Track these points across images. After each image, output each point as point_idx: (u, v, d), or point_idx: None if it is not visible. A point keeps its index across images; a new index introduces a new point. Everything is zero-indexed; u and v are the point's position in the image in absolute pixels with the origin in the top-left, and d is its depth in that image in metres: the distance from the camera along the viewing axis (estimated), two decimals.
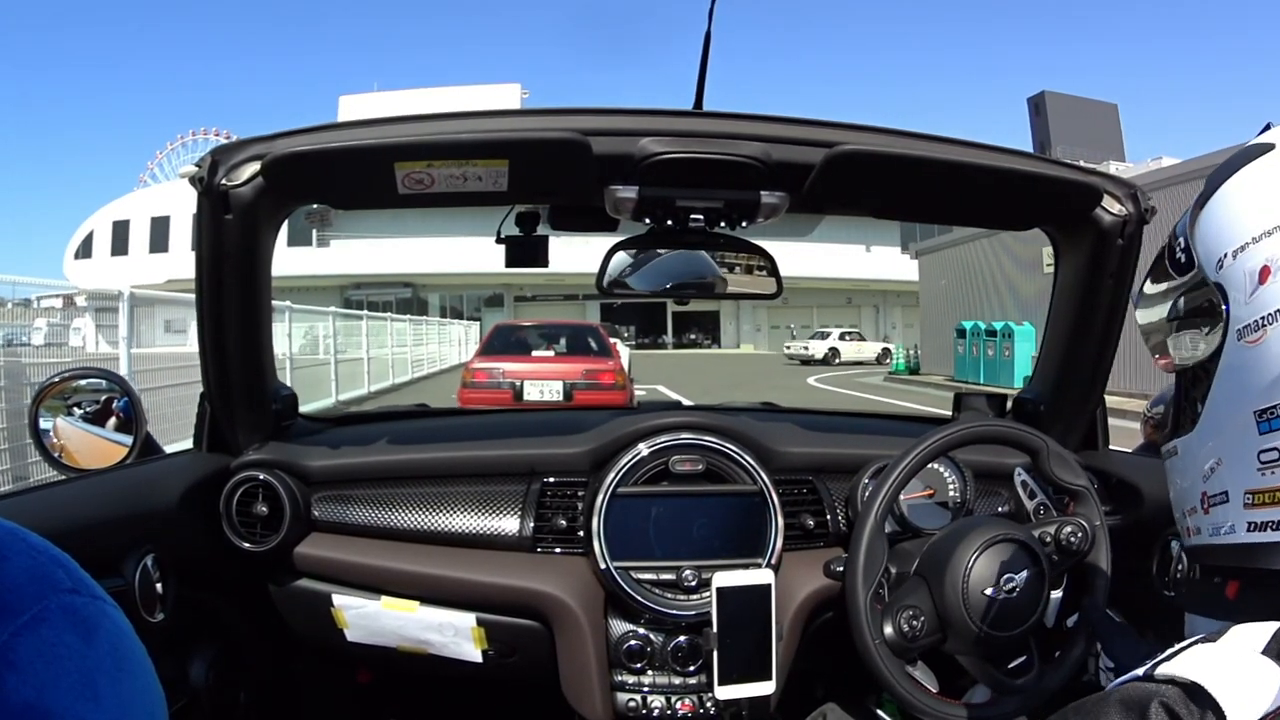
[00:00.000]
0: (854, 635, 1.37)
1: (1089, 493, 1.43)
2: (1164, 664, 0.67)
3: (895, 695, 1.35)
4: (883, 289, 48.36)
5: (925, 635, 1.36)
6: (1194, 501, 0.83)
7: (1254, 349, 0.72)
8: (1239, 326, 0.73)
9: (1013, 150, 1.54)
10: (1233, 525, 0.76)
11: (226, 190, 1.41)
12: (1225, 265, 0.75)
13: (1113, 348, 1.75)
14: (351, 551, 1.63)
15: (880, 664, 1.34)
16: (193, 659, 1.56)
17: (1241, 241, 0.74)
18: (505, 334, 11.61)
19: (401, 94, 43.47)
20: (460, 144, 1.40)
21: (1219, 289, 0.76)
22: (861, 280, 46.83)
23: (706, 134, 1.46)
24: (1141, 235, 1.62)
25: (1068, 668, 1.40)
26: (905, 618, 1.36)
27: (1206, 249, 0.78)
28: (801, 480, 1.75)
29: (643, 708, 1.58)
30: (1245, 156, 0.78)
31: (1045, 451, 1.44)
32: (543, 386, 10.10)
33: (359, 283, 43.50)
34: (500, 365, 10.32)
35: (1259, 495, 0.73)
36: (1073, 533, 1.39)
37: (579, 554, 1.64)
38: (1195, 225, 0.81)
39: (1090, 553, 1.40)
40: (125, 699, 0.46)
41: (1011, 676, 1.38)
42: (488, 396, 9.92)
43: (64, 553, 0.48)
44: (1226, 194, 0.78)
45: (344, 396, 14.32)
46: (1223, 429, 0.77)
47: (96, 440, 1.59)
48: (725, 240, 1.69)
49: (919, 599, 1.38)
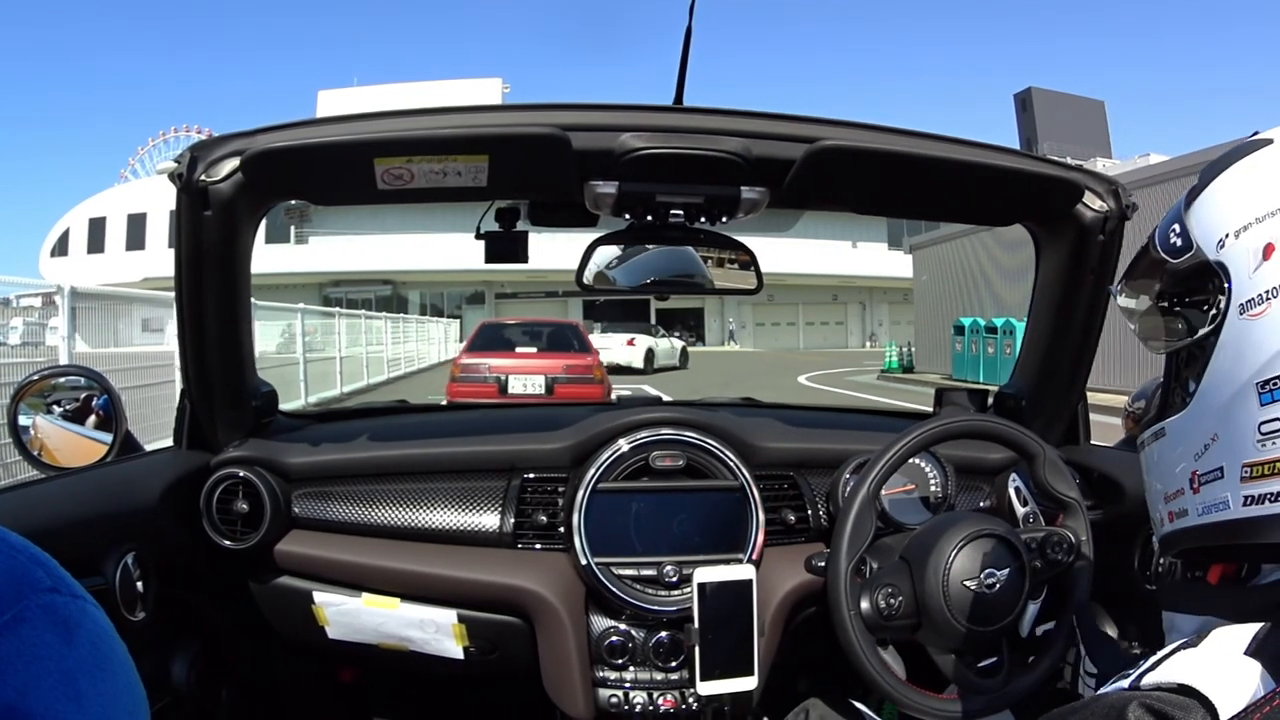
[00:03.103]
0: (830, 605, 1.38)
1: (1079, 506, 1.45)
2: (1149, 673, 0.68)
3: (862, 672, 1.36)
4: (869, 285, 47.99)
5: (900, 616, 1.37)
6: (1181, 483, 0.83)
7: (1256, 321, 0.73)
8: (1242, 301, 0.74)
9: (994, 146, 1.55)
10: (1226, 501, 0.76)
11: (206, 186, 1.40)
12: (1227, 244, 0.76)
13: (1094, 343, 1.77)
14: (332, 548, 1.63)
15: (852, 635, 1.35)
16: (174, 658, 1.55)
17: (1244, 222, 0.75)
18: (490, 331, 12.23)
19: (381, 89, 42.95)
20: (440, 139, 1.40)
21: (1220, 267, 0.77)
22: (848, 276, 46.38)
23: (687, 129, 1.47)
24: (1123, 231, 1.63)
25: (1035, 677, 1.41)
26: (884, 594, 1.37)
27: (1204, 231, 0.79)
28: (782, 475, 1.75)
29: (625, 704, 1.59)
30: (1244, 150, 0.80)
31: (1042, 458, 1.46)
32: (526, 380, 10.86)
33: (338, 280, 43.09)
34: (486, 361, 11.07)
35: (1257, 468, 0.73)
36: (1058, 543, 1.41)
37: (560, 550, 1.64)
38: (1191, 210, 0.82)
39: (1073, 565, 1.41)
40: (107, 699, 0.46)
41: (980, 676, 1.39)
42: (475, 390, 10.76)
43: (44, 552, 0.48)
44: (1227, 182, 0.79)
45: (313, 398, 13.73)
46: (1220, 404, 0.77)
47: (76, 438, 1.59)
48: (705, 236, 1.69)
49: (899, 579, 1.39)
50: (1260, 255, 0.73)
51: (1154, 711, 0.61)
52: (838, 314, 50.22)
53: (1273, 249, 0.72)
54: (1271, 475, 0.72)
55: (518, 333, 12.27)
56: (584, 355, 11.63)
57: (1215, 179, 0.81)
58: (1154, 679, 0.66)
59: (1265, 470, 0.73)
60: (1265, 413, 0.72)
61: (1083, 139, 40.38)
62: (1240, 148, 0.81)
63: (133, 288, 17.16)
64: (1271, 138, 0.79)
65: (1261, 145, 0.79)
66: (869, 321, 50.24)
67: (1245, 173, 0.78)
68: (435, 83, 42.56)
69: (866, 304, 50.50)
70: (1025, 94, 39.59)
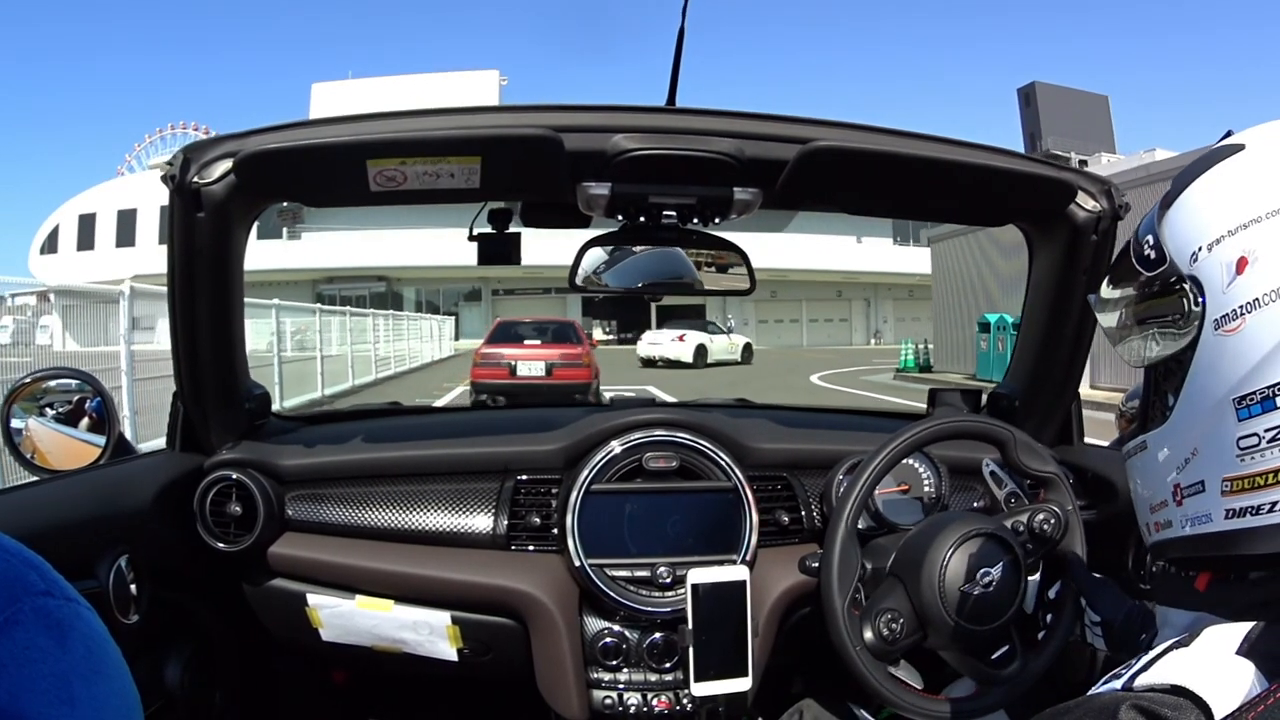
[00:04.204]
0: (834, 643, 1.36)
1: (1059, 479, 1.44)
2: (1142, 674, 0.68)
3: (881, 699, 1.35)
4: (873, 281, 47.54)
5: (905, 636, 1.36)
6: (1164, 495, 0.83)
7: (1231, 338, 0.73)
8: (1216, 316, 0.74)
9: (987, 146, 1.56)
10: (1209, 514, 0.76)
11: (199, 188, 1.40)
12: (1200, 258, 0.76)
13: (1087, 343, 1.77)
14: (325, 551, 1.63)
15: (863, 670, 1.34)
16: (168, 661, 1.55)
17: (1216, 235, 0.74)
18: (505, 327, 15.45)
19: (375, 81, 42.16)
20: (433, 141, 1.40)
21: (1193, 281, 0.76)
22: (852, 272, 45.86)
23: (679, 130, 1.47)
24: (1115, 231, 1.63)
25: (1050, 652, 1.40)
26: (884, 621, 1.35)
27: (1178, 244, 0.79)
28: (776, 476, 1.75)
29: (619, 705, 1.59)
30: (1215, 156, 0.79)
31: (1012, 442, 1.45)
32: (530, 365, 14.03)
33: (331, 277, 42.64)
34: (501, 350, 14.35)
35: (1237, 482, 0.73)
36: (1045, 519, 1.39)
37: (553, 551, 1.64)
38: (1163, 222, 0.81)
39: (1064, 538, 1.40)
40: (100, 702, 0.46)
41: (995, 667, 1.38)
42: (492, 372, 14.01)
43: (37, 555, 0.48)
44: (1198, 191, 0.79)
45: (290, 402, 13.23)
46: (1199, 419, 0.77)
47: (69, 441, 1.59)
48: (698, 237, 1.69)
49: (896, 601, 1.37)
50: (1234, 269, 0.73)
51: (1147, 713, 0.62)
52: (841, 310, 49.65)
53: (1245, 262, 0.72)
54: (1251, 489, 0.72)
55: (526, 329, 15.27)
56: (577, 346, 14.76)
57: (1187, 188, 0.80)
58: (1147, 680, 0.67)
59: (1245, 484, 0.73)
60: (1243, 428, 0.73)
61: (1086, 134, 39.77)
62: (1212, 154, 0.80)
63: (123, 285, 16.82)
64: (1244, 143, 0.78)
65: (1233, 151, 0.78)
66: (873, 318, 49.81)
67: (1216, 182, 0.78)
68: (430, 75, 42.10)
69: (871, 300, 49.99)
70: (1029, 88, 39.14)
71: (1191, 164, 0.81)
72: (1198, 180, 0.79)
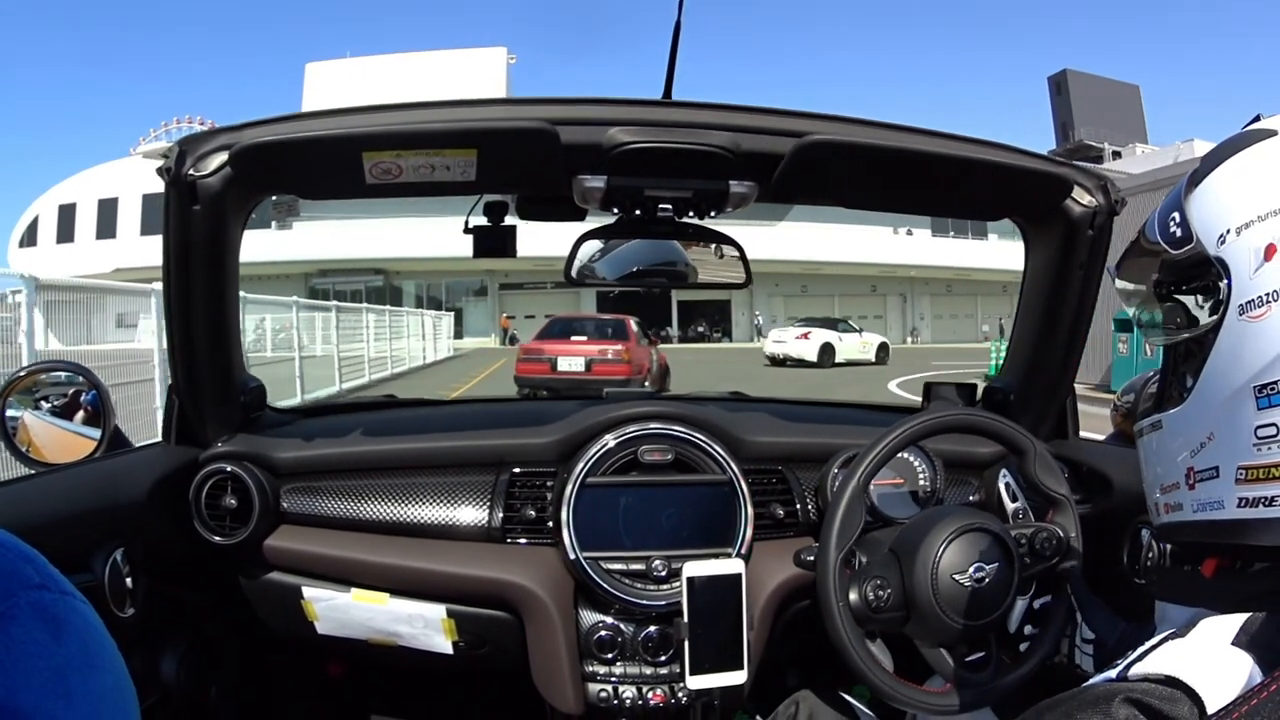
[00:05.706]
0: (819, 596, 1.37)
1: (1068, 503, 1.43)
2: (1136, 664, 0.68)
3: (850, 664, 1.35)
4: (911, 276, 44.84)
5: (889, 609, 1.36)
6: (1176, 477, 0.83)
7: (1256, 324, 0.72)
8: (1241, 302, 0.73)
9: (983, 141, 1.56)
10: (1221, 501, 0.76)
11: (194, 180, 1.40)
12: (1228, 240, 0.75)
13: (1082, 338, 1.77)
14: (321, 543, 1.63)
15: (840, 626, 1.34)
16: (163, 654, 1.55)
17: (1246, 218, 0.74)
18: (554, 324, 15.97)
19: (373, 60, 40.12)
20: (429, 133, 1.40)
21: (1220, 263, 0.75)
22: (889, 266, 42.94)
23: (675, 123, 1.47)
24: (1111, 227, 1.64)
25: (1026, 669, 1.40)
26: (872, 586, 1.36)
27: (1205, 224, 0.78)
28: (771, 470, 1.76)
29: (614, 698, 1.59)
30: (1246, 140, 0.78)
31: (1033, 453, 1.44)
32: (571, 361, 14.24)
33: (324, 269, 40.47)
34: (544, 346, 14.75)
35: (1253, 471, 0.73)
36: (1047, 539, 1.40)
37: (548, 544, 1.64)
38: (1191, 198, 0.80)
39: (1062, 562, 1.41)
40: (96, 696, 0.46)
41: (968, 670, 1.39)
42: (535, 367, 14.31)
43: (32, 549, 0.48)
44: (1229, 173, 0.78)
45: None
46: (1217, 404, 0.76)
47: (64, 434, 1.58)
48: (693, 230, 1.69)
49: (889, 572, 1.38)
50: (1261, 255, 0.72)
51: (1140, 704, 0.62)
52: (876, 307, 45.93)
53: (1274, 250, 0.71)
54: (1267, 479, 0.72)
55: (575, 324, 15.89)
56: (618, 342, 14.74)
57: (1218, 167, 0.79)
58: (1141, 670, 0.67)
59: (1261, 474, 0.72)
60: (1262, 417, 0.72)
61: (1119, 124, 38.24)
62: (1243, 136, 0.79)
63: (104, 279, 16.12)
64: (1275, 129, 0.77)
65: (1264, 136, 0.77)
66: (910, 315, 47.09)
67: (1249, 165, 0.77)
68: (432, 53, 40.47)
69: (907, 296, 47.18)
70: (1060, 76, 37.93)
71: (1221, 145, 0.81)
72: (1228, 161, 0.78)
